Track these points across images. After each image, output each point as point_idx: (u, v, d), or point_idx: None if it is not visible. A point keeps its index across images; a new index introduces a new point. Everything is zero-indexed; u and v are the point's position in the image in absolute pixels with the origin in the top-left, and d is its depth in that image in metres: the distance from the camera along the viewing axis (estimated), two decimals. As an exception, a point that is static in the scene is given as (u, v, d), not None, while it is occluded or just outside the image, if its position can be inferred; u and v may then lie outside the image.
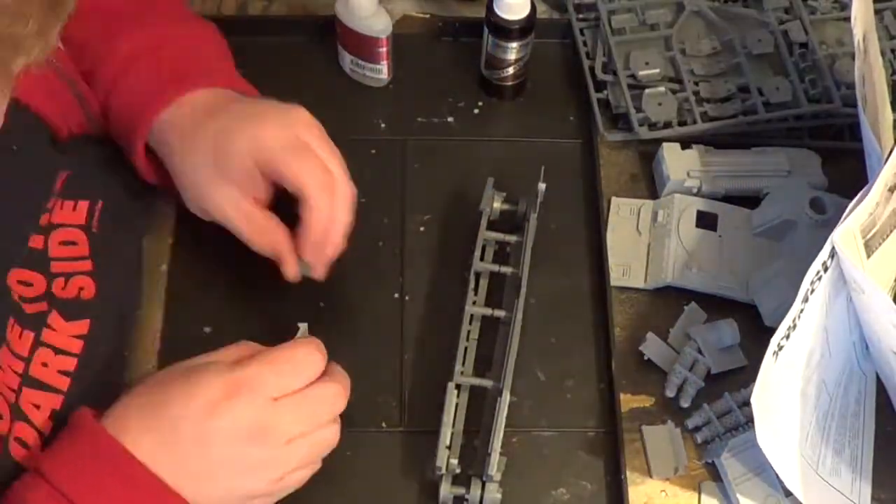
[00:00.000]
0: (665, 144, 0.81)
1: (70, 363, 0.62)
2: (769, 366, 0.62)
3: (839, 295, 0.67)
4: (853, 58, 0.85)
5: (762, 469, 0.69)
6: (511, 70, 0.84)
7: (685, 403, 0.73)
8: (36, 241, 0.64)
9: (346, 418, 0.72)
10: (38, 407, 0.60)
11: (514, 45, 0.82)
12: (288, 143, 0.66)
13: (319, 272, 0.69)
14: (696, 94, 0.84)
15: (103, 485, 0.56)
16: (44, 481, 0.55)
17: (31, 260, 0.63)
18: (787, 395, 0.66)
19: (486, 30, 0.82)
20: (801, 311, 0.63)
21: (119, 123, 0.69)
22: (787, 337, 0.63)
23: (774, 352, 0.62)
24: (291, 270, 0.69)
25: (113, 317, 0.67)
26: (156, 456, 0.57)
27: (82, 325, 0.63)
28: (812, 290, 0.63)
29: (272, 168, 0.65)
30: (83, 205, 0.66)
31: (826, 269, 0.63)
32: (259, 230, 0.68)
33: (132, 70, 0.68)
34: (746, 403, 0.72)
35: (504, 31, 0.81)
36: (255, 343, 0.63)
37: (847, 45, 0.86)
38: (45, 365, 0.61)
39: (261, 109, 0.67)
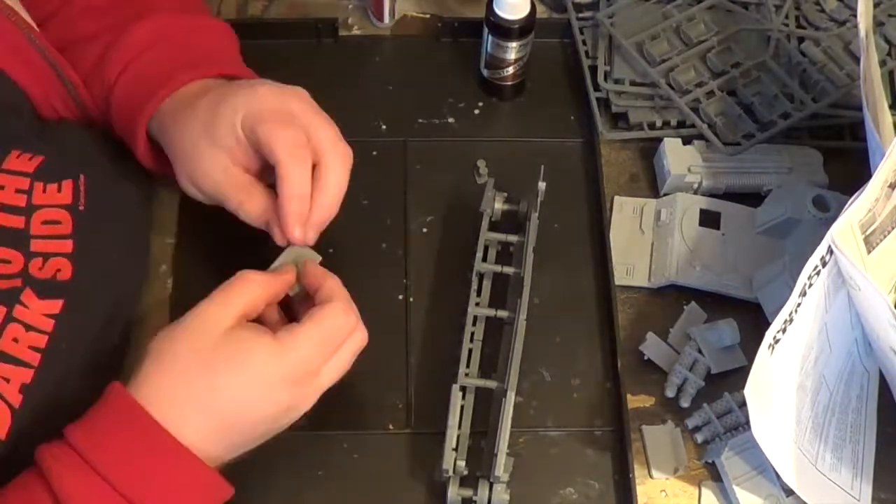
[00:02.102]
0: (666, 139, 0.82)
1: (41, 340, 0.61)
2: (764, 359, 0.62)
3: (839, 291, 0.67)
4: (850, 59, 0.86)
5: (762, 469, 0.69)
6: (511, 70, 0.84)
7: (685, 403, 0.73)
8: (17, 222, 0.63)
9: (353, 421, 0.72)
10: (7, 380, 0.60)
11: (514, 44, 0.82)
12: (273, 110, 0.65)
13: (306, 238, 0.66)
14: (701, 92, 0.84)
15: (131, 456, 0.56)
16: (75, 454, 0.55)
17: (10, 238, 0.63)
18: (784, 389, 0.66)
19: (485, 30, 0.82)
20: (798, 305, 0.63)
21: (125, 107, 0.70)
22: (784, 331, 0.63)
23: (770, 345, 0.62)
24: (279, 237, 0.66)
25: (93, 296, 0.66)
26: (205, 439, 0.57)
27: (55, 305, 0.62)
28: (810, 285, 0.63)
29: (254, 133, 0.64)
30: (67, 185, 0.66)
31: (824, 264, 0.63)
32: (247, 197, 0.66)
33: (146, 55, 0.69)
34: (746, 403, 0.73)
35: (504, 30, 0.81)
36: (253, 273, 0.62)
37: (840, 48, 0.87)
38: (15, 340, 0.61)
39: (258, 82, 0.68)
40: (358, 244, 0.79)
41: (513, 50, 0.82)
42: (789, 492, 0.68)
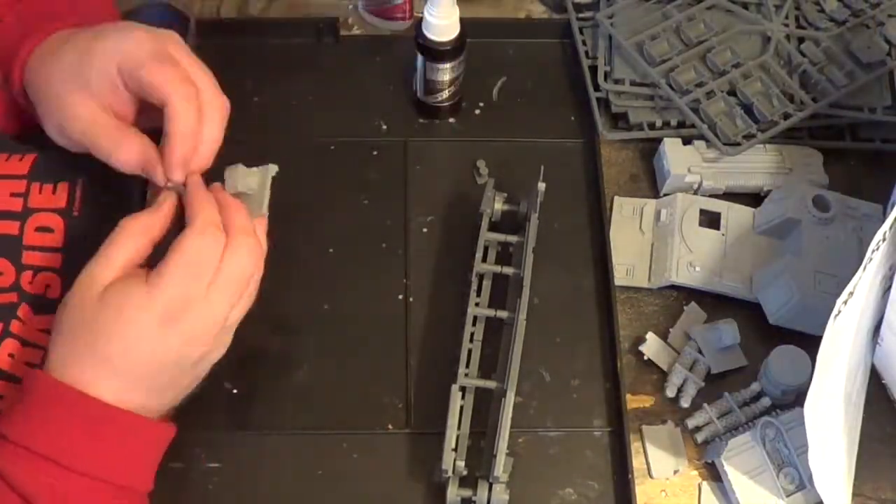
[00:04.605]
0: (667, 139, 0.82)
1: (37, 355, 0.61)
2: (829, 329, 0.60)
3: (876, 275, 0.66)
4: (850, 59, 0.86)
5: (762, 469, 0.69)
6: (447, 92, 0.82)
7: (685, 403, 0.73)
8: (11, 228, 0.63)
9: (353, 421, 0.72)
10: (2, 397, 0.60)
11: (447, 65, 0.80)
12: (154, 52, 0.61)
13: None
14: (701, 92, 0.84)
15: (62, 428, 0.55)
16: (4, 440, 0.55)
17: (4, 247, 0.62)
18: (839, 364, 0.65)
19: (418, 54, 0.80)
20: (860, 279, 0.61)
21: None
22: (846, 303, 0.61)
23: (835, 315, 0.60)
24: (160, 178, 0.62)
25: None
26: (123, 395, 0.56)
27: (50, 320, 0.61)
28: (871, 260, 0.61)
29: (135, 76, 0.60)
30: (63, 187, 0.65)
31: (884, 240, 0.61)
32: (119, 142, 0.61)
33: (10, 15, 0.66)
34: (746, 403, 0.73)
35: (435, 52, 0.79)
36: (133, 223, 0.60)
37: (840, 48, 0.87)
38: (11, 356, 0.61)
39: (128, 25, 0.63)
40: (358, 244, 0.79)
41: (446, 71, 0.80)
42: (789, 492, 0.68)
